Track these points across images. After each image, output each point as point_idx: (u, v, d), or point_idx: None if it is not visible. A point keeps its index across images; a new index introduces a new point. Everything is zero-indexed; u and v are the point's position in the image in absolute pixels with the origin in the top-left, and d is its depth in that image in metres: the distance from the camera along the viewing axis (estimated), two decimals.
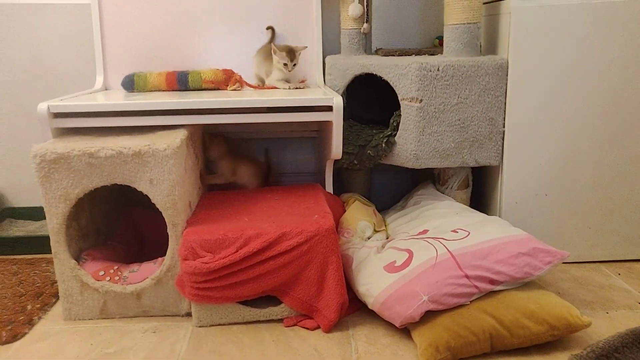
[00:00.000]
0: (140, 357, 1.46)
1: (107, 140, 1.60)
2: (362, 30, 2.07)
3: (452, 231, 1.63)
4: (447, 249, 1.54)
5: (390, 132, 1.87)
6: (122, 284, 1.63)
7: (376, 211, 1.98)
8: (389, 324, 1.55)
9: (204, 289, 1.54)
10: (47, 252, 2.06)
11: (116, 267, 1.66)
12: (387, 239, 1.82)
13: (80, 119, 1.71)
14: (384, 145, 1.86)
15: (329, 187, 1.96)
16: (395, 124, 1.86)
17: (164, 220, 1.62)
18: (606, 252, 1.94)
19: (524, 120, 1.83)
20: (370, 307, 1.56)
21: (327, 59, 2.06)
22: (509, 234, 1.57)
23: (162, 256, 1.66)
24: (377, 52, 2.16)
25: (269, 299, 1.62)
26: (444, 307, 1.44)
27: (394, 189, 2.39)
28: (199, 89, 1.98)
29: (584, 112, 1.82)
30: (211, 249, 1.53)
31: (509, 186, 1.89)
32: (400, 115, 1.84)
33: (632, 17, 1.75)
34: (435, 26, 2.26)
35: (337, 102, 1.73)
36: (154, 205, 1.61)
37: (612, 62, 1.79)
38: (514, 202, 1.90)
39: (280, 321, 1.61)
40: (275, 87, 2.00)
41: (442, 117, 1.80)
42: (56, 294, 1.77)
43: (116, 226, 1.97)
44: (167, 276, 1.61)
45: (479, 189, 2.07)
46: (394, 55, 2.00)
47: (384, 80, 1.86)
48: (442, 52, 1.93)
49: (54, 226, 1.58)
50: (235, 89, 1.95)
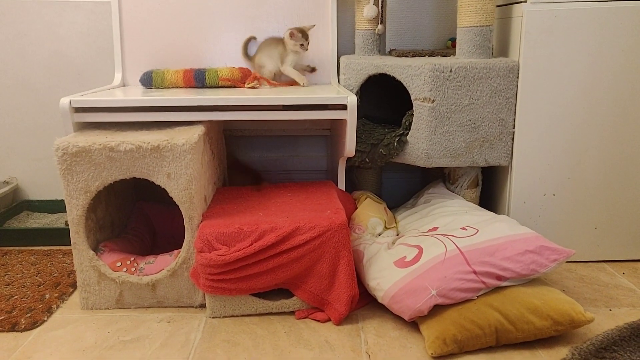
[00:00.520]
0: (156, 345, 1.49)
1: (127, 134, 1.64)
2: (376, 31, 2.08)
3: (461, 228, 1.65)
4: (456, 245, 1.56)
5: (402, 132, 1.88)
6: (138, 275, 1.66)
7: (387, 208, 1.99)
8: (397, 318, 1.58)
9: (219, 280, 1.56)
10: (63, 244, 2.13)
11: (132, 259, 1.69)
12: (397, 235, 1.84)
13: (100, 114, 1.75)
14: (396, 144, 1.88)
15: (341, 185, 1.97)
16: (407, 124, 1.88)
17: (176, 214, 1.64)
18: (611, 251, 1.95)
19: (534, 121, 1.85)
20: (380, 300, 1.58)
21: (342, 58, 2.07)
22: (516, 232, 1.58)
23: (174, 249, 1.70)
24: (390, 53, 2.17)
25: (281, 292, 1.64)
26: (451, 302, 1.47)
27: (404, 187, 2.41)
28: (215, 87, 2.01)
29: (592, 115, 1.84)
30: (226, 242, 1.56)
31: (517, 186, 1.91)
32: (412, 114, 1.86)
33: None
34: (448, 28, 2.27)
35: (352, 100, 1.74)
36: (166, 199, 1.63)
37: (620, 66, 1.80)
38: (523, 201, 1.91)
39: (292, 313, 1.64)
40: (292, 84, 2.03)
41: (454, 118, 1.83)
42: (73, 283, 1.81)
43: (129, 219, 2.00)
44: (182, 268, 1.64)
45: (489, 189, 2.09)
46: (408, 56, 2.01)
47: (397, 80, 1.87)
48: (454, 54, 1.95)
49: (74, 217, 1.61)
50: (253, 87, 1.98)
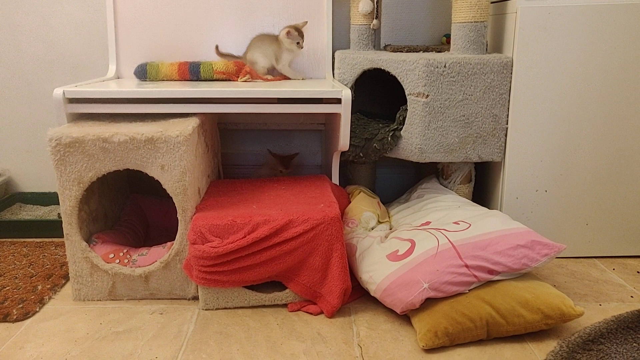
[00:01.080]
0: (148, 336, 1.49)
1: (121, 126, 1.63)
2: (371, 26, 2.08)
3: (454, 223, 1.66)
4: (448, 239, 1.56)
5: (396, 126, 1.89)
6: (131, 267, 1.66)
7: (380, 203, 2.00)
8: (389, 311, 1.59)
9: (212, 272, 1.56)
10: (55, 236, 2.13)
11: (125, 250, 1.69)
12: (390, 229, 1.84)
13: (94, 105, 1.74)
14: (389, 138, 1.88)
15: (335, 179, 1.97)
16: (401, 119, 1.88)
17: (169, 207, 1.64)
18: (602, 247, 1.97)
19: (527, 117, 1.86)
20: (372, 294, 1.59)
21: (337, 53, 2.07)
22: (508, 227, 1.59)
23: (167, 242, 1.70)
24: (385, 48, 2.16)
25: (274, 284, 1.64)
26: (443, 295, 1.47)
27: (397, 182, 2.42)
28: (210, 80, 2.00)
29: (584, 111, 1.85)
30: (219, 234, 1.56)
31: (510, 182, 1.92)
32: (406, 110, 1.86)
33: (635, 19, 1.77)
34: (443, 24, 2.28)
35: (346, 94, 1.75)
36: (159, 192, 1.63)
37: (613, 63, 1.81)
38: (515, 197, 1.92)
39: (284, 306, 1.65)
40: (286, 78, 2.04)
41: (448, 113, 1.83)
42: (65, 275, 1.81)
43: (122, 212, 2.00)
44: (175, 260, 1.64)
45: (481, 184, 2.10)
46: (402, 51, 2.01)
47: (391, 75, 1.88)
48: (449, 50, 1.95)
49: (67, 208, 1.61)
50: (245, 80, 1.98)
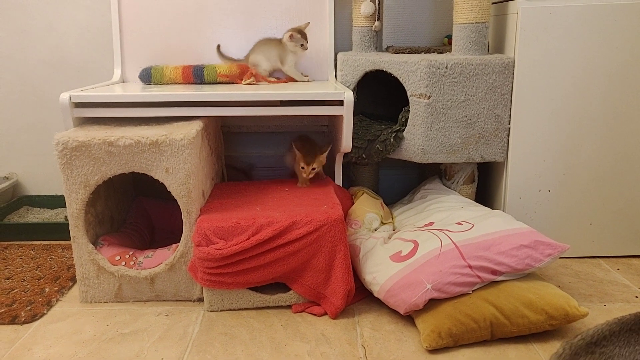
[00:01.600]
0: (154, 337, 1.50)
1: (126, 129, 1.65)
2: (373, 28, 2.09)
3: (457, 223, 1.66)
4: (451, 240, 1.57)
5: (398, 128, 1.90)
6: (137, 269, 1.67)
7: (383, 204, 2.01)
8: (393, 312, 1.59)
9: (216, 274, 1.58)
10: (62, 239, 2.15)
11: (131, 253, 1.71)
12: (393, 230, 1.85)
13: (100, 109, 1.76)
14: (392, 140, 1.89)
15: (338, 180, 1.98)
16: (403, 120, 1.89)
17: (174, 210, 1.65)
18: (606, 247, 1.96)
19: (529, 118, 1.86)
20: (376, 295, 1.59)
21: (339, 55, 2.08)
22: (512, 227, 1.59)
23: (172, 244, 1.71)
24: (387, 49, 2.17)
25: (278, 286, 1.65)
26: (447, 296, 1.48)
27: (400, 183, 2.42)
28: (214, 83, 2.02)
29: (587, 111, 1.85)
30: (224, 236, 1.57)
31: (513, 182, 1.92)
32: (408, 111, 1.87)
33: (637, 19, 1.77)
34: (444, 25, 2.29)
35: (348, 96, 1.76)
36: (164, 195, 1.64)
37: (615, 63, 1.81)
38: (518, 197, 1.93)
39: (288, 307, 1.65)
40: (291, 81, 2.05)
41: (450, 114, 1.84)
42: (72, 277, 1.83)
43: (128, 214, 2.01)
44: (180, 262, 1.65)
45: (484, 185, 2.10)
46: (404, 52, 2.01)
47: (393, 77, 1.89)
48: (450, 51, 1.96)
49: (74, 211, 1.62)
50: (249, 83, 1.99)
